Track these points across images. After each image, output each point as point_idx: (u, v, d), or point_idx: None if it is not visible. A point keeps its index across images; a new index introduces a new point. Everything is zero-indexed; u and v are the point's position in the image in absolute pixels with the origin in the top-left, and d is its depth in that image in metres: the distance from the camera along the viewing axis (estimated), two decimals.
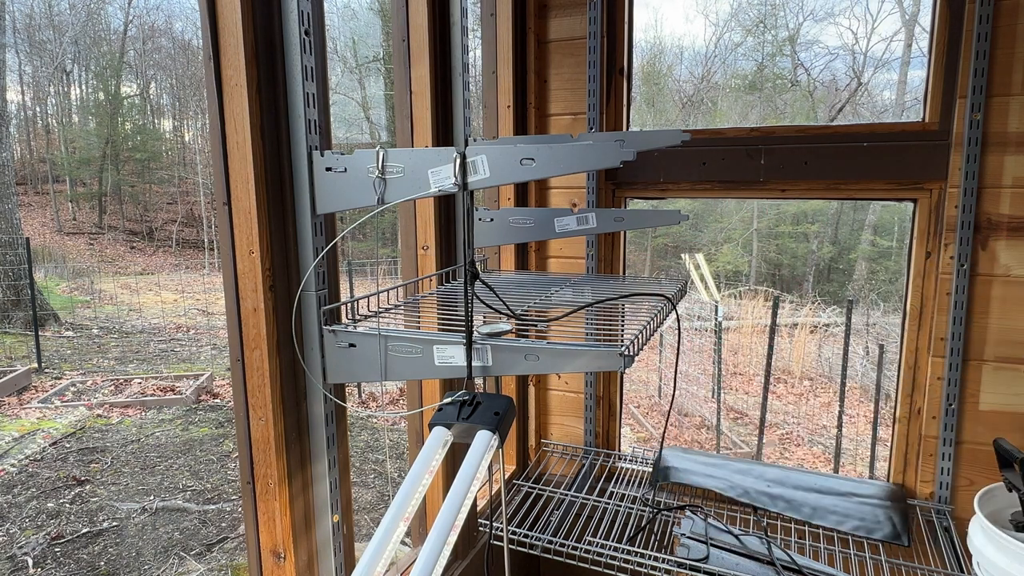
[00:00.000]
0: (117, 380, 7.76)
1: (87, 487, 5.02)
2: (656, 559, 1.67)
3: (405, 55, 1.45)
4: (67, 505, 4.73)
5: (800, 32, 17.41)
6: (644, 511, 1.93)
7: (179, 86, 24.87)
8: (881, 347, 6.37)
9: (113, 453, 5.68)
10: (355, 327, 1.12)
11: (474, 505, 1.87)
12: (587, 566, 1.73)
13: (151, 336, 10.35)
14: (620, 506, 1.96)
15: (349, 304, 1.18)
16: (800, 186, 1.95)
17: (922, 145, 1.80)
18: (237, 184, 1.04)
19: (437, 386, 1.54)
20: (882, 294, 14.13)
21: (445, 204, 1.53)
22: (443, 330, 1.21)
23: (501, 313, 1.19)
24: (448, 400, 1.02)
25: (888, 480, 1.99)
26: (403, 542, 0.93)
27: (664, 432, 1.79)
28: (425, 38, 1.43)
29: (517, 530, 1.85)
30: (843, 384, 5.82)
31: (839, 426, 5.90)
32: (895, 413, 1.97)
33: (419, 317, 1.28)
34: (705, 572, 1.61)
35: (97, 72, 23.32)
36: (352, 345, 1.11)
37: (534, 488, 2.08)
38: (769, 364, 6.14)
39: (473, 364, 1.05)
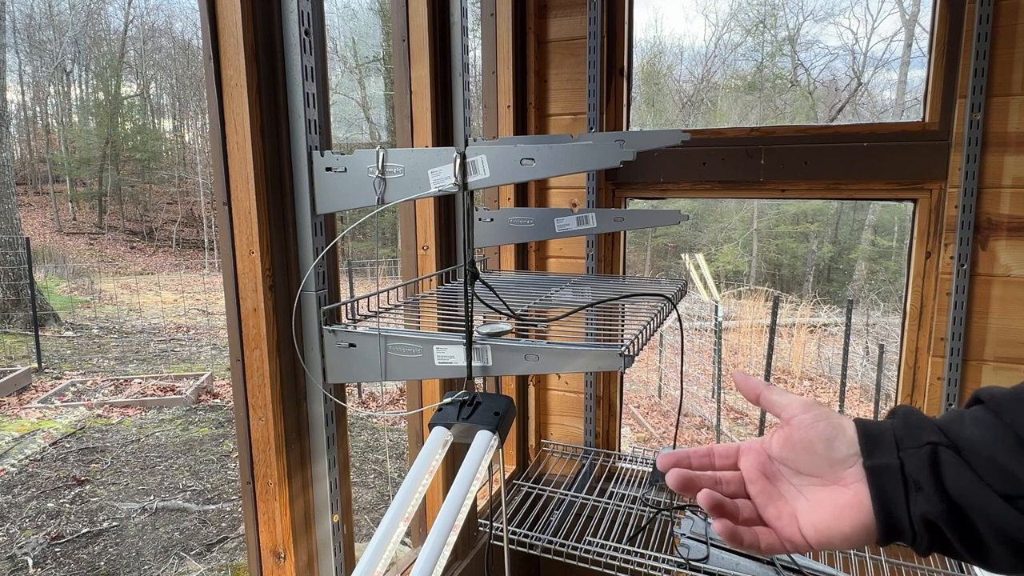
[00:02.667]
0: (117, 380, 7.76)
1: (87, 487, 5.02)
2: (656, 559, 1.67)
3: (405, 55, 1.45)
4: (67, 505, 4.73)
5: (800, 32, 17.41)
6: (644, 511, 1.93)
7: (179, 86, 24.87)
8: (881, 347, 6.37)
9: (113, 453, 5.68)
10: (355, 327, 1.12)
11: (474, 505, 1.87)
12: (587, 566, 1.73)
13: (151, 336, 10.35)
14: (620, 506, 1.96)
15: (349, 304, 1.18)
16: (800, 186, 1.95)
17: (922, 145, 1.80)
18: (237, 184, 1.04)
19: (437, 386, 1.54)
20: (882, 294, 14.13)
21: (445, 204, 1.53)
22: (443, 330, 1.21)
23: (501, 313, 1.19)
24: (448, 400, 1.02)
25: None
26: (403, 542, 0.93)
27: (676, 433, 1.79)
28: (425, 38, 1.43)
29: (517, 530, 1.85)
30: (843, 384, 5.82)
31: None
32: None
33: (419, 317, 1.28)
34: (705, 572, 1.61)
35: (97, 72, 23.32)
36: (352, 345, 1.11)
37: (534, 488, 2.08)
38: (769, 364, 6.14)
39: (473, 364, 1.05)
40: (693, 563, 1.63)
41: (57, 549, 4.16)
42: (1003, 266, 1.75)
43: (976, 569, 1.49)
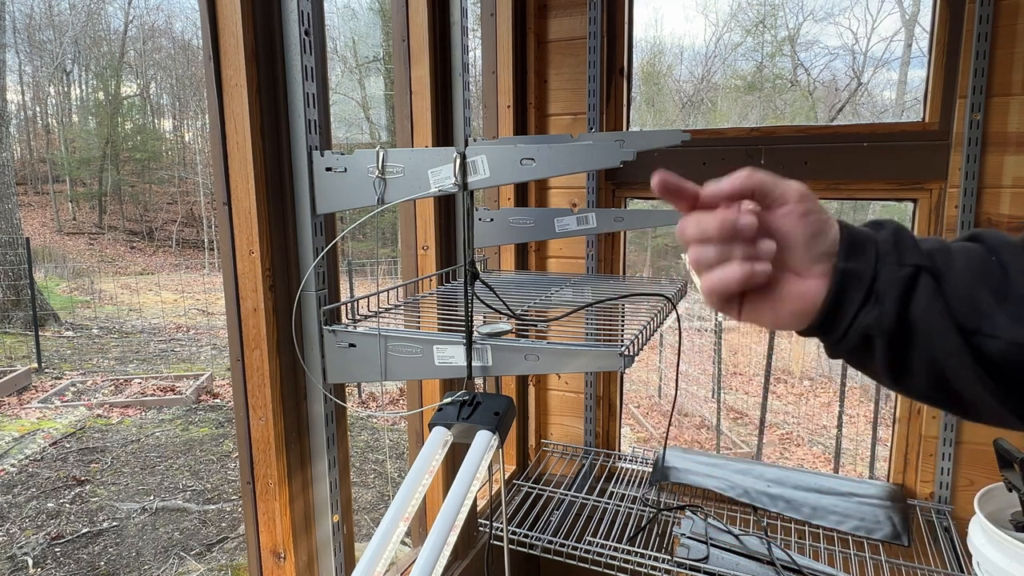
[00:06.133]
0: (117, 380, 7.76)
1: (87, 487, 5.02)
2: (656, 559, 1.67)
3: (405, 55, 1.45)
4: (67, 505, 4.73)
5: (800, 32, 17.40)
6: (644, 511, 1.93)
7: (179, 86, 24.87)
8: None
9: (113, 453, 5.68)
10: (355, 327, 1.12)
11: (474, 505, 1.87)
12: (587, 566, 1.73)
13: (151, 336, 10.35)
14: (620, 506, 1.96)
15: (349, 304, 1.18)
16: None
17: (922, 145, 1.80)
18: (237, 184, 1.04)
19: (437, 386, 1.54)
20: None
21: (445, 204, 1.53)
22: (443, 330, 1.21)
23: (501, 313, 1.19)
24: (448, 400, 1.02)
25: (888, 480, 1.99)
26: (403, 542, 0.93)
27: (667, 433, 1.79)
28: (425, 38, 1.43)
29: (517, 530, 1.85)
30: (843, 384, 5.82)
31: (839, 426, 5.90)
32: (895, 413, 1.97)
33: (419, 317, 1.28)
34: (705, 572, 1.61)
35: (97, 72, 23.32)
36: (352, 345, 1.11)
37: (534, 488, 2.08)
38: (769, 364, 6.15)
39: (473, 364, 1.05)
40: (693, 563, 1.63)
41: (57, 549, 4.16)
42: None
43: (976, 569, 1.49)
